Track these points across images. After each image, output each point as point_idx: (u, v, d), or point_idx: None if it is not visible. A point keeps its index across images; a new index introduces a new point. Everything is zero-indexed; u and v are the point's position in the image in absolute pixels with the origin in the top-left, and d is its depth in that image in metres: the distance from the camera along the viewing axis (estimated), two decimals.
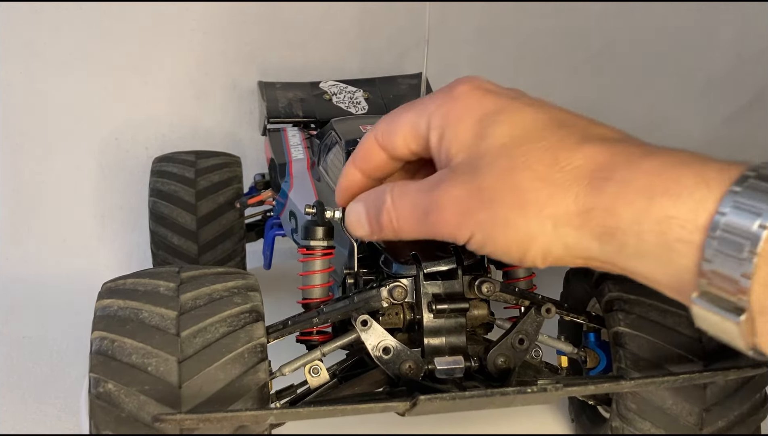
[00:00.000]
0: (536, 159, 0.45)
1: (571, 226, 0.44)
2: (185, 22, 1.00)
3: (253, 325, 0.53)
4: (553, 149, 0.45)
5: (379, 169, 0.55)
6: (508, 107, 0.48)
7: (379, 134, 0.54)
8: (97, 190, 1.02)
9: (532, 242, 0.45)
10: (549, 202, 0.44)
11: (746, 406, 0.55)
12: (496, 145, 0.47)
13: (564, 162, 0.44)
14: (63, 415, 0.69)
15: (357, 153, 0.56)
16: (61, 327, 0.75)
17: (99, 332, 0.52)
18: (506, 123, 0.47)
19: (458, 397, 0.49)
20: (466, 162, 0.48)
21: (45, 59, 0.98)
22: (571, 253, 0.45)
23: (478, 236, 0.47)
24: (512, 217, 0.45)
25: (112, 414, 0.50)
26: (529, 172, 0.45)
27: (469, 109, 0.49)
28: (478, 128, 0.48)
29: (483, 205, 0.46)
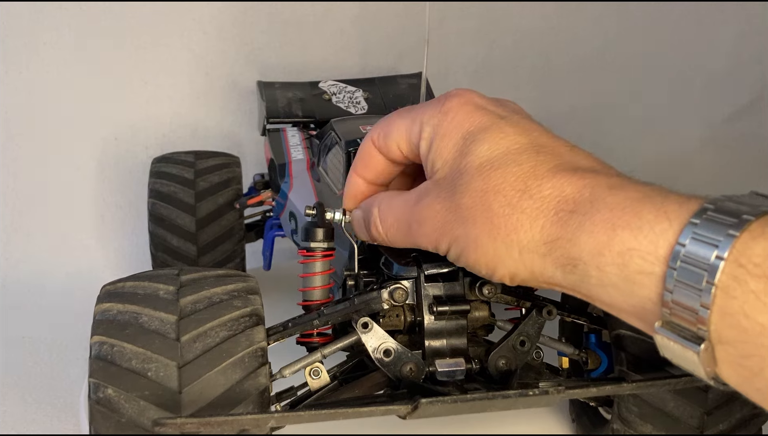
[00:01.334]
0: (509, 184, 0.46)
1: (536, 253, 0.45)
2: (185, 22, 1.00)
3: (254, 329, 0.53)
4: (525, 176, 0.46)
5: (379, 175, 0.57)
6: (492, 126, 0.49)
7: (375, 137, 0.56)
8: (96, 191, 1.01)
9: (499, 264, 0.47)
10: (516, 228, 0.46)
11: (747, 408, 0.55)
12: (474, 164, 0.48)
13: (534, 190, 0.46)
14: (63, 415, 0.69)
15: (357, 161, 0.57)
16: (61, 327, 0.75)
17: (98, 336, 0.52)
18: (487, 142, 0.48)
19: (460, 400, 0.49)
20: (447, 177, 0.49)
21: (45, 59, 0.98)
22: (536, 278, 0.46)
23: (453, 251, 0.49)
24: (482, 238, 0.47)
25: (112, 420, 0.50)
26: (501, 197, 0.46)
27: (456, 124, 0.50)
28: (461, 145, 0.49)
29: (458, 222, 0.48)
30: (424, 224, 0.50)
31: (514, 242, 0.46)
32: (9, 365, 0.78)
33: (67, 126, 1.00)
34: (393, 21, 1.03)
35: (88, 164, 1.01)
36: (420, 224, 0.50)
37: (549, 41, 1.08)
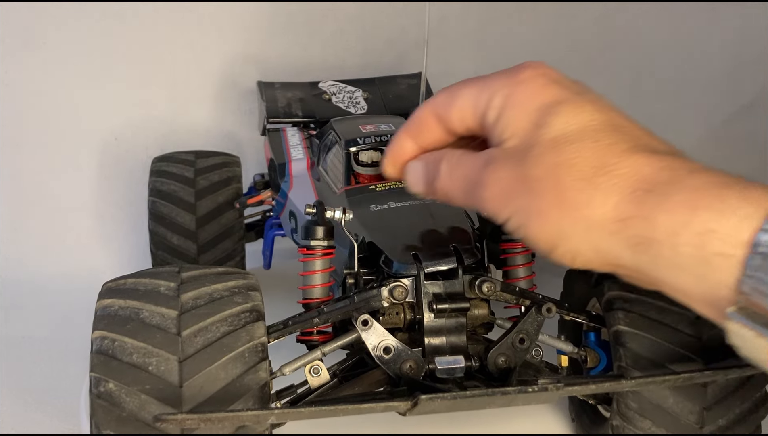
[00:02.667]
0: (584, 159, 0.45)
1: (605, 231, 0.44)
2: (185, 22, 1.00)
3: (254, 324, 0.53)
4: (602, 153, 0.45)
5: (430, 141, 0.56)
6: (569, 100, 0.48)
7: (437, 105, 0.54)
8: (97, 190, 1.01)
9: (562, 240, 0.46)
10: (587, 204, 0.44)
11: (747, 404, 0.55)
12: (549, 137, 0.47)
13: (610, 167, 0.45)
14: (63, 415, 0.69)
15: (411, 122, 0.56)
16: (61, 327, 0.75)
17: (99, 331, 0.52)
18: (564, 116, 0.47)
19: (459, 396, 0.49)
20: (518, 147, 0.48)
21: (45, 59, 0.98)
22: (600, 258, 0.45)
23: (514, 220, 0.48)
24: (548, 211, 0.46)
25: (113, 414, 0.50)
26: (574, 171, 0.45)
27: (531, 95, 0.49)
28: (536, 116, 0.48)
29: (524, 192, 0.47)
30: (487, 189, 0.49)
31: (582, 218, 0.44)
32: (9, 365, 0.78)
33: (67, 126, 1.00)
34: (393, 21, 1.03)
35: (88, 164, 1.01)
36: (484, 188, 0.49)
37: (549, 41, 1.08)
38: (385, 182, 0.69)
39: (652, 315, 0.56)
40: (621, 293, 0.57)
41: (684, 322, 0.55)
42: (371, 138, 0.72)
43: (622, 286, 0.57)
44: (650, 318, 0.55)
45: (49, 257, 0.98)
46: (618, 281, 0.58)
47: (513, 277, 0.64)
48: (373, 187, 0.68)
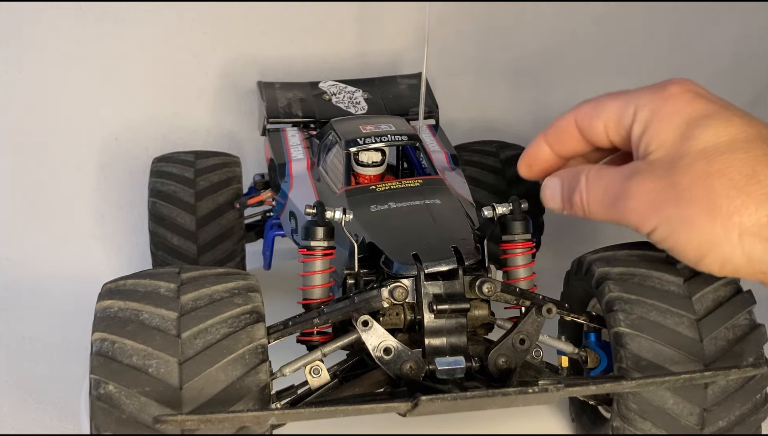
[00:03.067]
0: (736, 169, 0.47)
1: (758, 237, 0.45)
2: (185, 22, 0.99)
3: (254, 326, 0.53)
4: (754, 162, 0.47)
5: (567, 149, 0.57)
6: (717, 114, 0.50)
7: (580, 116, 0.56)
8: (97, 191, 1.01)
9: (712, 247, 0.47)
10: (740, 211, 0.46)
11: (747, 406, 0.55)
12: (698, 148, 0.48)
13: (762, 175, 0.46)
14: (63, 415, 0.69)
15: (550, 129, 0.58)
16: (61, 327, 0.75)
17: (99, 333, 0.52)
18: (713, 128, 0.49)
19: (459, 397, 0.49)
20: (665, 159, 0.50)
21: (45, 59, 0.98)
22: (751, 265, 0.46)
23: (662, 230, 0.49)
24: (699, 218, 0.47)
25: (112, 416, 0.50)
26: (726, 180, 0.46)
27: (678, 109, 0.51)
28: (684, 129, 0.50)
29: (673, 201, 0.48)
30: (633, 199, 0.50)
31: (735, 225, 0.46)
32: (9, 365, 0.78)
33: (67, 126, 1.00)
34: (393, 21, 1.03)
35: (88, 164, 1.01)
36: (629, 199, 0.50)
37: (549, 41, 1.08)
38: (386, 183, 0.69)
39: (652, 317, 0.55)
40: (621, 294, 0.57)
41: (684, 323, 0.55)
42: (371, 138, 0.72)
43: (623, 287, 0.57)
44: (650, 320, 0.55)
45: (49, 257, 0.98)
46: (618, 282, 0.58)
47: (513, 277, 0.64)
48: (374, 187, 0.68)
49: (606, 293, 0.58)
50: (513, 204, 0.62)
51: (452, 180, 0.76)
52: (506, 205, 0.62)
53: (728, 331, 0.55)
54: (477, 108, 1.08)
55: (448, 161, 0.82)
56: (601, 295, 0.59)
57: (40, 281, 0.94)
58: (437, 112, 0.90)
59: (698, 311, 0.55)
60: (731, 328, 0.55)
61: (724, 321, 0.55)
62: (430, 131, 0.88)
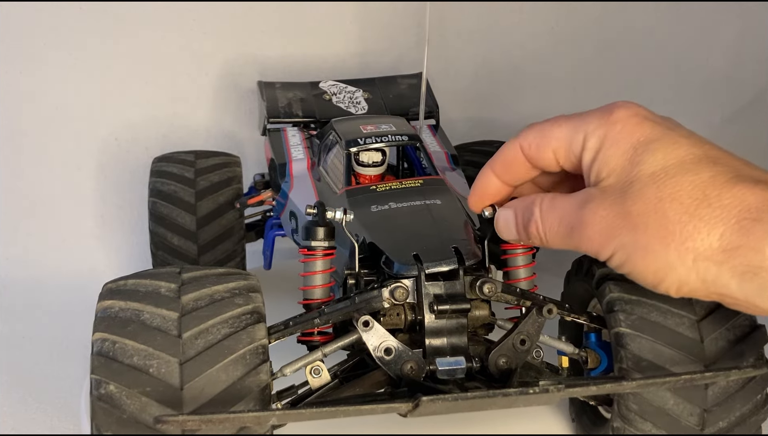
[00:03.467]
0: (686, 192, 0.47)
1: (711, 261, 0.46)
2: (185, 22, 0.99)
3: (255, 326, 0.53)
4: (703, 185, 0.47)
5: (516, 177, 0.58)
6: (664, 137, 0.50)
7: (526, 144, 0.56)
8: (97, 191, 1.01)
9: (669, 272, 0.47)
10: (693, 235, 0.46)
11: (747, 406, 0.55)
12: (647, 172, 0.49)
13: (713, 199, 0.46)
14: (63, 415, 0.69)
15: (497, 160, 0.58)
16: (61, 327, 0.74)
17: (100, 333, 0.52)
18: (660, 152, 0.49)
19: (460, 398, 0.49)
20: (616, 185, 0.50)
21: (45, 59, 0.97)
22: (707, 287, 0.47)
23: (618, 256, 0.49)
24: (654, 245, 0.47)
25: (113, 416, 0.50)
26: (677, 204, 0.47)
27: (625, 134, 0.51)
28: (632, 154, 0.50)
29: (627, 228, 0.48)
30: (587, 228, 0.50)
31: (689, 250, 0.46)
32: (9, 365, 0.78)
33: (67, 126, 1.00)
34: (393, 21, 1.03)
35: (88, 164, 1.01)
36: (584, 228, 0.51)
37: (549, 41, 1.08)
38: (386, 183, 0.69)
39: (653, 317, 0.55)
40: (622, 295, 0.57)
41: (685, 324, 0.55)
42: (372, 138, 0.72)
43: (624, 288, 0.57)
44: (651, 320, 0.55)
45: (49, 257, 0.98)
46: (619, 283, 0.58)
47: (514, 277, 0.64)
48: (374, 187, 0.68)
49: (606, 294, 0.58)
50: None
51: (452, 180, 0.76)
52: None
53: (729, 332, 0.55)
54: (477, 108, 1.08)
55: (449, 161, 0.82)
56: (601, 295, 0.59)
57: (40, 281, 0.94)
58: (437, 112, 0.90)
59: (699, 312, 0.55)
60: (732, 328, 0.55)
61: (725, 322, 0.55)
62: (430, 131, 0.88)
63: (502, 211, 0.58)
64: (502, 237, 0.59)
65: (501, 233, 0.58)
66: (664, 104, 1.12)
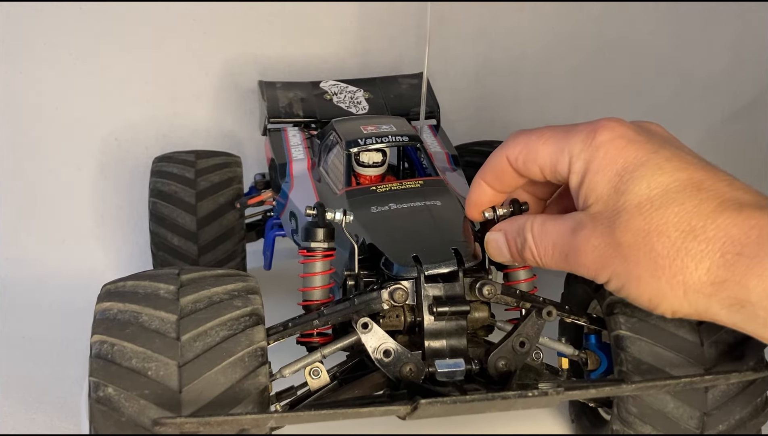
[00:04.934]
0: (672, 225, 0.48)
1: (701, 293, 0.47)
2: (185, 22, 0.99)
3: (254, 328, 0.53)
4: (688, 216, 0.48)
5: (507, 186, 0.59)
6: (648, 162, 0.50)
7: (513, 157, 0.57)
8: (97, 191, 1.01)
9: (662, 300, 0.49)
10: (682, 270, 0.47)
11: (747, 410, 0.55)
12: (633, 203, 0.49)
13: (698, 231, 0.47)
14: (63, 415, 0.69)
15: (486, 170, 0.59)
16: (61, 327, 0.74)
17: (99, 335, 0.52)
18: (645, 180, 0.49)
19: (459, 400, 0.49)
20: (604, 213, 0.51)
21: (45, 59, 0.97)
22: (699, 315, 0.48)
23: (614, 284, 0.51)
24: (645, 277, 0.49)
25: (112, 419, 0.50)
26: (664, 238, 0.48)
27: (609, 160, 0.51)
28: (617, 182, 0.50)
29: (619, 259, 0.49)
30: (582, 256, 0.51)
31: (679, 283, 0.47)
32: (9, 365, 0.78)
33: (67, 126, 1.00)
34: (393, 21, 1.03)
35: (88, 164, 1.01)
36: (578, 255, 0.52)
37: (549, 41, 1.08)
38: (386, 184, 0.68)
39: (652, 320, 0.55)
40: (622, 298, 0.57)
41: (685, 327, 0.55)
42: (372, 139, 0.72)
43: None
44: (651, 323, 0.55)
45: (49, 257, 0.97)
46: None
47: (514, 279, 0.64)
48: (374, 188, 0.68)
49: (607, 296, 0.58)
50: (513, 206, 0.62)
51: (453, 181, 0.76)
52: (506, 207, 0.62)
53: (729, 335, 0.55)
54: (477, 108, 1.08)
55: (449, 162, 0.82)
56: (601, 297, 0.59)
57: (40, 280, 0.94)
58: (438, 112, 0.90)
59: None
60: (732, 332, 0.55)
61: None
62: (431, 131, 0.88)
63: (491, 233, 0.59)
64: (495, 260, 0.59)
65: (493, 256, 0.59)
66: (665, 104, 1.13)
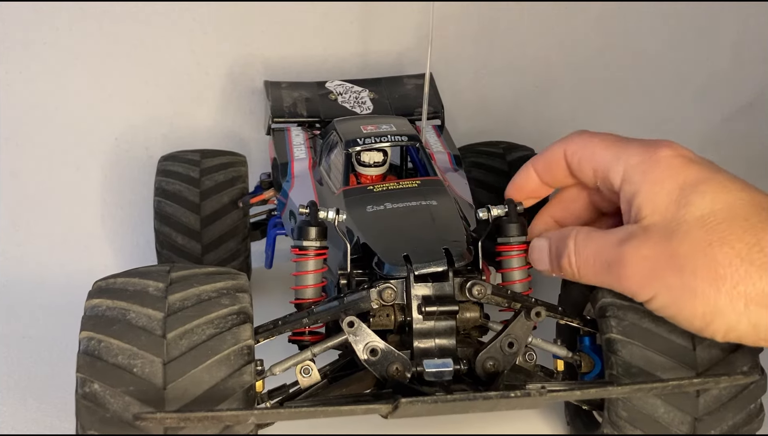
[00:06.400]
0: (736, 237, 0.47)
1: (764, 307, 0.46)
2: (185, 22, 0.99)
3: (240, 327, 0.53)
4: (755, 230, 0.47)
5: (555, 180, 0.58)
6: (711, 180, 0.50)
7: (570, 151, 0.57)
8: (96, 191, 1.01)
9: (717, 316, 0.47)
10: (745, 280, 0.46)
11: (741, 415, 0.54)
12: (695, 215, 0.48)
13: (765, 242, 0.46)
14: (63, 415, 0.68)
15: (540, 158, 0.59)
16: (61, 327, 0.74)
17: (87, 331, 0.53)
18: (710, 195, 0.49)
19: (440, 400, 0.49)
20: (660, 225, 0.50)
21: (45, 59, 0.98)
22: (757, 333, 0.47)
23: (662, 298, 0.49)
24: (703, 288, 0.47)
25: (97, 414, 0.50)
26: (728, 248, 0.47)
27: (670, 174, 0.51)
28: (678, 195, 0.50)
29: (673, 270, 0.48)
30: (628, 266, 0.50)
31: (741, 294, 0.46)
32: (9, 365, 0.79)
33: (67, 126, 1.00)
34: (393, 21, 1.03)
35: (88, 164, 1.01)
36: (623, 266, 0.50)
37: (549, 41, 1.07)
38: (384, 183, 0.68)
39: (644, 324, 0.55)
40: (614, 300, 0.56)
41: (677, 331, 0.54)
42: (371, 138, 0.72)
43: (616, 293, 0.56)
44: (643, 327, 0.54)
45: (49, 257, 0.98)
46: None
47: (508, 280, 0.63)
48: (371, 187, 0.68)
49: (599, 298, 0.57)
50: (508, 206, 0.62)
51: (453, 181, 0.75)
52: (501, 207, 0.62)
53: None
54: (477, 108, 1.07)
55: (451, 162, 0.81)
56: (594, 300, 0.58)
57: (40, 280, 0.95)
58: (443, 112, 0.89)
59: None
60: None
61: None
62: (434, 132, 0.88)
63: (537, 240, 0.58)
64: (535, 267, 0.58)
65: (534, 263, 0.58)
66: (665, 104, 1.12)
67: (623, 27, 1.08)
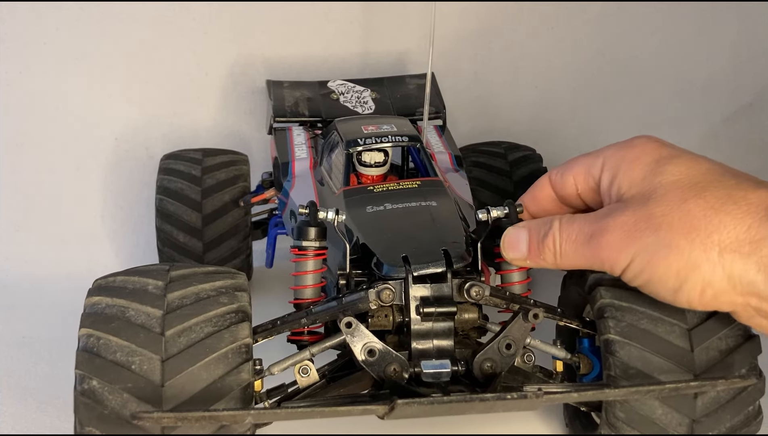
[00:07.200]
0: (710, 193, 0.48)
1: (738, 253, 0.46)
2: (185, 22, 0.99)
3: (239, 325, 0.53)
4: (728, 190, 0.48)
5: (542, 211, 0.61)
6: (684, 154, 0.52)
7: (553, 173, 0.59)
8: (96, 191, 1.02)
9: (693, 271, 0.47)
10: (719, 228, 0.47)
11: (739, 418, 0.54)
12: (670, 180, 0.50)
13: (738, 197, 0.47)
14: (63, 415, 0.69)
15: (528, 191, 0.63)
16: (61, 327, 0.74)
17: (86, 329, 0.53)
18: (683, 165, 0.51)
19: (436, 402, 0.49)
20: (637, 195, 0.51)
21: (45, 59, 0.98)
22: (733, 285, 0.47)
23: (638, 261, 0.49)
24: (678, 240, 0.48)
25: (95, 411, 0.50)
26: (702, 201, 0.48)
27: (645, 152, 0.53)
28: (653, 166, 0.52)
29: (650, 229, 0.49)
30: (607, 234, 0.51)
31: (714, 243, 0.46)
32: (9, 365, 0.79)
33: (67, 126, 1.00)
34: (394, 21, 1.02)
35: (88, 164, 1.01)
36: (603, 234, 0.51)
37: (549, 41, 1.07)
38: (384, 184, 0.68)
39: (642, 325, 0.54)
40: (613, 301, 0.56)
41: (675, 332, 0.54)
42: (372, 139, 0.72)
43: (615, 294, 0.56)
44: (641, 328, 0.54)
45: (49, 257, 0.98)
46: (610, 289, 0.57)
47: (507, 281, 0.63)
48: (371, 188, 0.68)
49: (598, 299, 0.57)
50: (508, 207, 0.62)
51: (454, 181, 0.75)
52: (501, 209, 0.62)
53: (721, 341, 0.54)
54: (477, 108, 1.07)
55: (452, 163, 0.81)
56: (593, 301, 0.58)
57: (40, 280, 0.95)
58: (444, 112, 0.89)
59: (690, 320, 0.54)
60: (724, 338, 0.54)
61: (717, 331, 0.54)
62: (436, 132, 0.88)
63: (512, 228, 0.58)
64: (506, 255, 0.59)
65: (507, 251, 0.58)
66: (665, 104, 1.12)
67: (623, 27, 1.08)
